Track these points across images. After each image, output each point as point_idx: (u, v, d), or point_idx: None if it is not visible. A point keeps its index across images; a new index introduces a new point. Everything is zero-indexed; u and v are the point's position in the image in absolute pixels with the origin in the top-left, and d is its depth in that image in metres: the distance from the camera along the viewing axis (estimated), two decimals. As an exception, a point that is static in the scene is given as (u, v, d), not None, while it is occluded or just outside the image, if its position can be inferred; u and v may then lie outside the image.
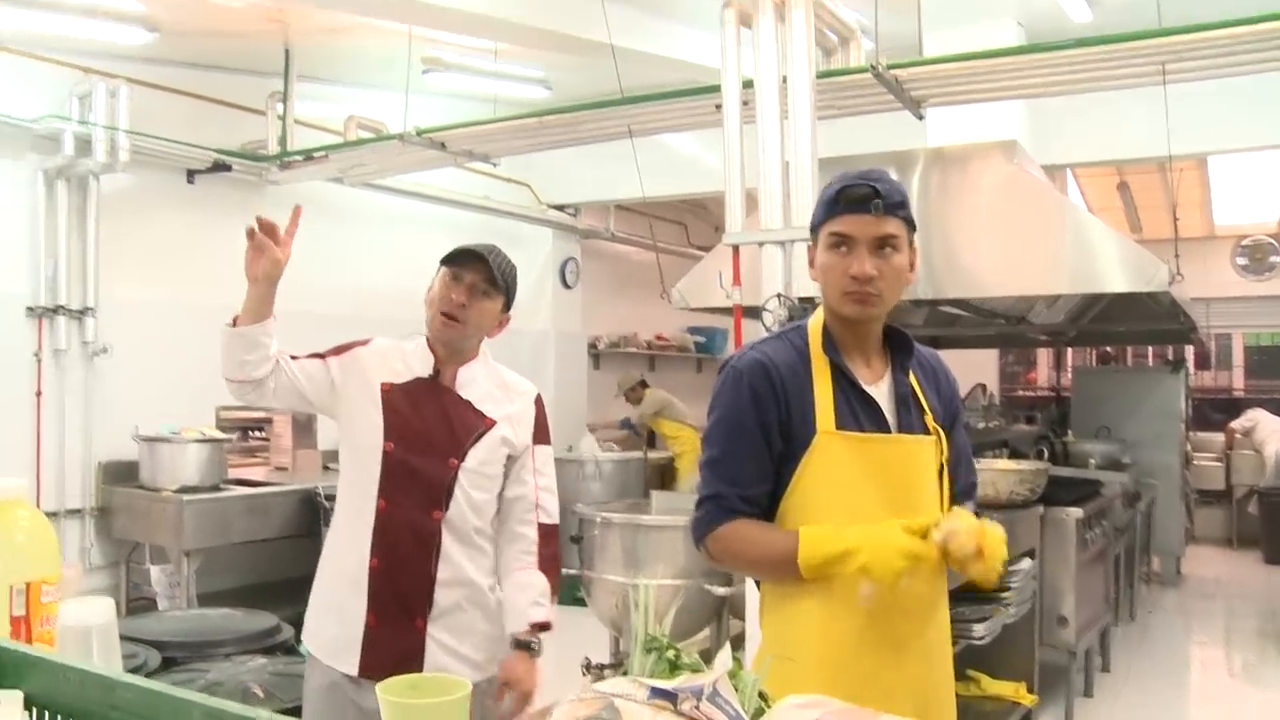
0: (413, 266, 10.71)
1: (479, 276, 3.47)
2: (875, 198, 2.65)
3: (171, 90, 9.27)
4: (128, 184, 9.09)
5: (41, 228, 8.63)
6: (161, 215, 9.42)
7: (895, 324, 2.91)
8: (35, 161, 8.61)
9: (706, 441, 2.87)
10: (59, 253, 8.66)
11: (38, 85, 8.54)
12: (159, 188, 9.38)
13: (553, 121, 8.50)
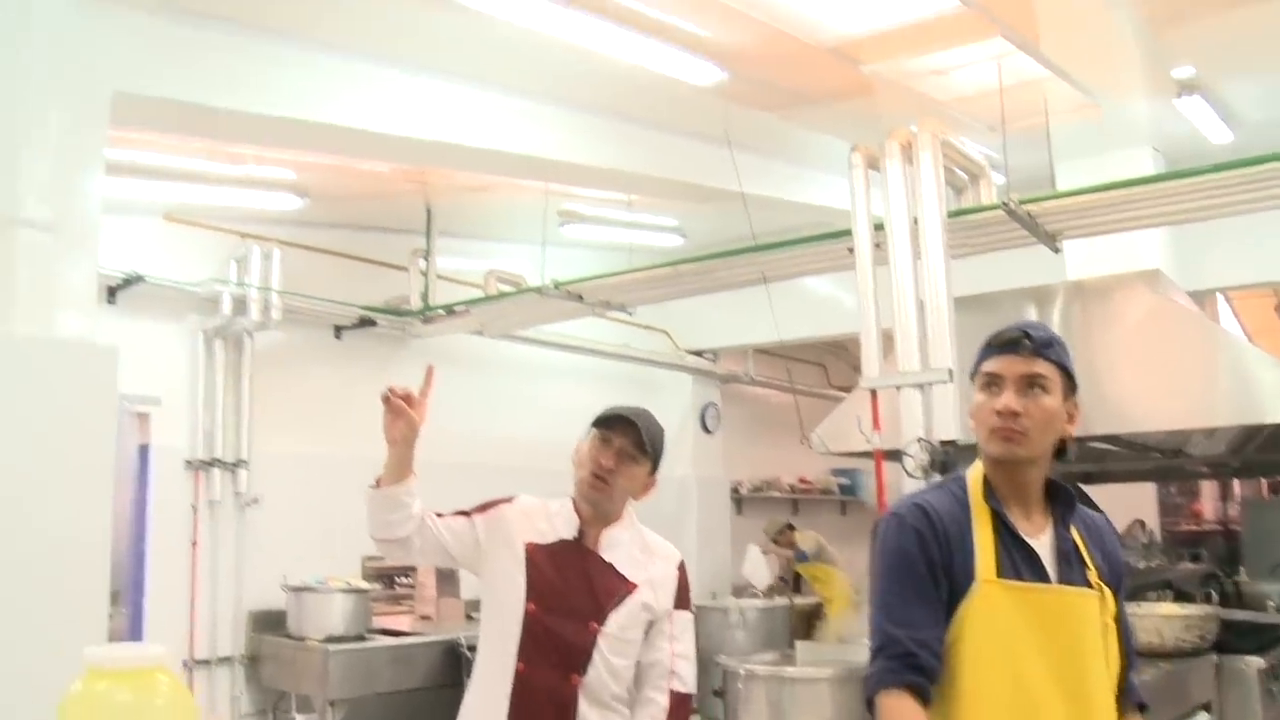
0: (554, 416, 10.96)
1: (628, 441, 3.47)
2: (1024, 339, 2.72)
3: (321, 251, 9.69)
4: (280, 341, 9.45)
5: (201, 384, 9.02)
6: (310, 370, 9.74)
7: (1058, 479, 2.87)
8: (196, 322, 9.05)
9: (875, 589, 2.85)
10: (216, 408, 9.02)
11: (200, 251, 9.02)
12: (309, 343, 9.73)
13: (687, 270, 8.60)
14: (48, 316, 5.11)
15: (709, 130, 8.08)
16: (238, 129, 6.59)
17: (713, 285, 8.85)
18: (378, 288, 10.12)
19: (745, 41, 6.81)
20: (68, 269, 5.23)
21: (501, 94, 7.35)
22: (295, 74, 6.33)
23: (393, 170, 8.80)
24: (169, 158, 7.77)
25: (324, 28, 6.34)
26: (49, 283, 5.13)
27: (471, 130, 7.26)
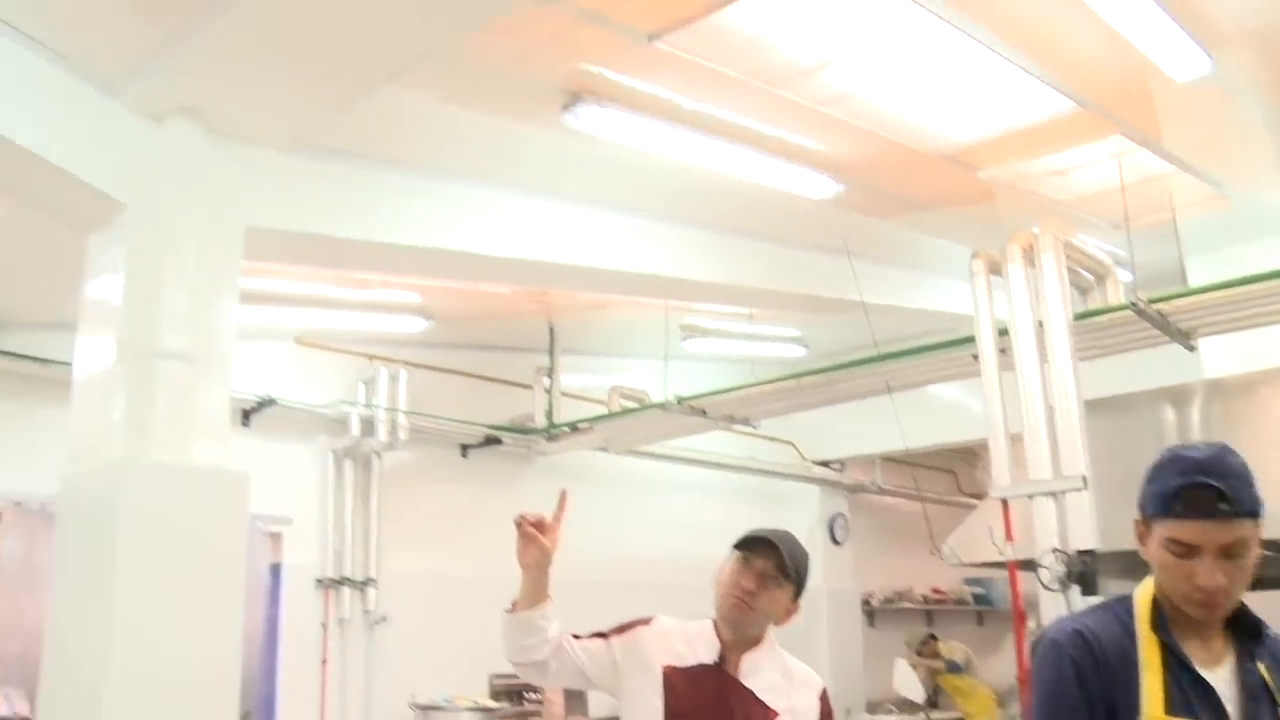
0: (681, 531, 10.93)
1: (770, 564, 3.39)
2: (1221, 501, 2.35)
3: (446, 371, 9.88)
4: (407, 460, 9.61)
5: (330, 504, 9.20)
6: (437, 489, 9.87)
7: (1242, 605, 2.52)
8: (326, 443, 9.27)
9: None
10: (345, 527, 9.18)
11: (329, 373, 9.27)
12: (435, 462, 9.88)
13: (810, 383, 8.55)
14: (184, 444, 5.26)
15: (827, 241, 8.08)
16: (365, 258, 6.80)
17: (836, 396, 8.77)
18: (502, 406, 10.25)
19: (858, 153, 6.83)
20: (203, 396, 5.39)
21: (619, 214, 7.46)
22: (419, 202, 6.52)
23: (515, 291, 8.97)
24: (299, 284, 8.05)
25: (445, 157, 6.54)
26: (186, 411, 5.28)
27: (592, 250, 7.38)
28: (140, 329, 5.24)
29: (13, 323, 7.96)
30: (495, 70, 5.58)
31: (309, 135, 5.68)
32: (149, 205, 5.35)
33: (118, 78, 5.26)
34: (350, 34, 4.71)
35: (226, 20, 4.61)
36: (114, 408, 5.24)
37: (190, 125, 5.36)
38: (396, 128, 6.07)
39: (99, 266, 5.62)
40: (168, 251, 5.31)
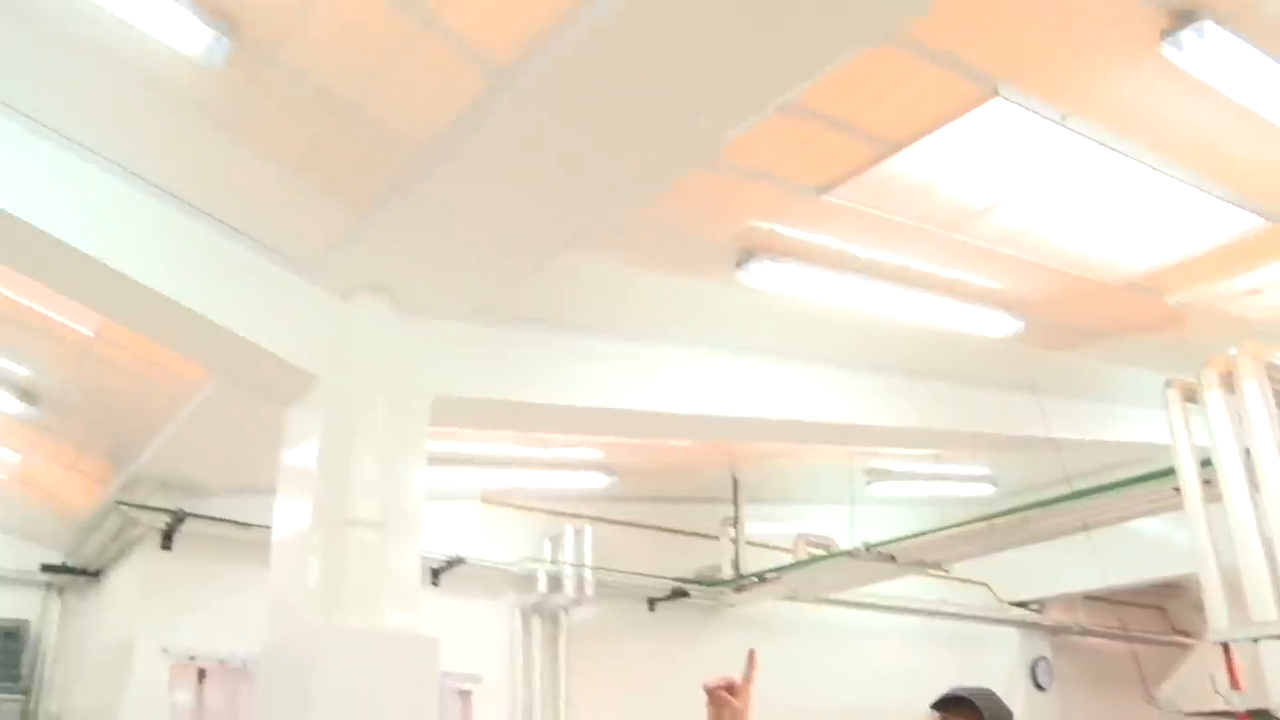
0: (874, 680, 10.57)
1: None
2: None
3: (630, 525, 9.91)
4: (593, 615, 9.63)
5: (519, 660, 9.26)
6: (625, 643, 9.83)
7: None
8: (513, 599, 9.40)
9: None
10: (534, 683, 9.22)
11: (515, 531, 9.43)
12: (622, 616, 9.85)
13: (1002, 524, 8.26)
14: (376, 608, 5.39)
15: (1010, 377, 7.90)
16: (548, 420, 6.94)
17: (1031, 537, 8.45)
18: (688, 558, 10.19)
19: (1037, 288, 6.71)
20: (394, 560, 5.53)
21: (799, 364, 7.45)
22: (599, 364, 6.65)
23: (697, 444, 9.00)
24: (484, 445, 8.26)
25: (623, 318, 6.68)
26: (378, 575, 5.43)
27: (773, 402, 7.36)
28: (334, 496, 5.44)
29: (214, 488, 8.39)
30: (668, 232, 5.71)
31: (490, 304, 5.89)
32: (340, 378, 5.61)
33: (309, 258, 5.60)
34: (528, 206, 4.91)
35: (410, 199, 4.87)
36: (310, 572, 5.43)
37: (378, 300, 5.64)
38: (574, 292, 6.24)
39: (295, 436, 5.90)
40: (359, 421, 5.53)
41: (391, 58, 4.39)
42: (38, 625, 10.65)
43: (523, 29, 4.08)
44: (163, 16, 4.36)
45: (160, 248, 5.39)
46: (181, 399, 7.22)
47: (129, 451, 8.23)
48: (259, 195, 5.38)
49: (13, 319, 7.05)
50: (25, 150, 5.20)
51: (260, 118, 4.93)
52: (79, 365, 7.51)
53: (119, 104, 5.09)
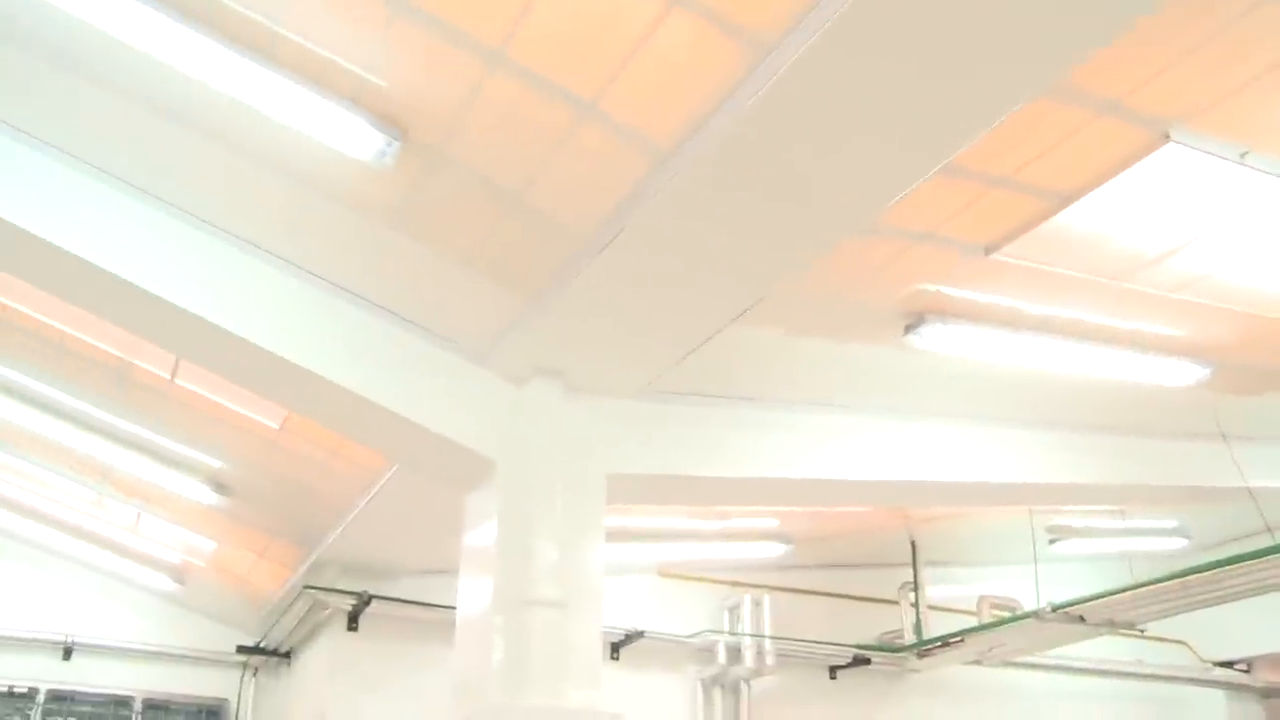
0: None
1: None
2: None
3: (808, 592, 9.80)
4: (774, 685, 9.53)
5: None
6: (808, 712, 9.72)
7: None
8: (693, 672, 9.37)
9: None
10: None
11: (692, 603, 9.43)
12: (803, 685, 9.73)
13: (1195, 582, 7.87)
14: (558, 686, 5.42)
15: (1197, 426, 7.56)
16: (722, 493, 6.93)
17: (1229, 594, 8.04)
18: (868, 624, 10.02)
19: (1223, 333, 6.42)
20: (575, 638, 5.57)
21: (974, 425, 7.28)
22: (770, 435, 6.61)
23: (872, 508, 8.87)
24: (660, 520, 8.29)
25: (791, 388, 6.65)
26: (560, 654, 5.47)
27: (949, 465, 7.20)
28: (515, 577, 5.53)
29: (397, 571, 8.63)
30: (834, 300, 5.68)
31: (659, 381, 5.93)
32: (517, 461, 5.73)
33: (481, 345, 5.76)
34: (694, 283, 4.96)
35: (577, 284, 4.97)
36: (493, 652, 5.51)
37: (550, 383, 5.76)
38: (742, 365, 6.25)
39: (475, 519, 6.03)
40: (537, 503, 5.62)
41: (552, 148, 4.51)
42: (236, 703, 11.09)
43: (682, 111, 4.14)
44: (336, 125, 4.58)
45: (339, 342, 5.63)
46: (363, 486, 7.47)
47: (315, 537, 8.54)
48: (431, 287, 5.56)
49: (206, 415, 7.42)
50: (211, 255, 5.52)
51: (429, 212, 5.11)
52: (267, 457, 7.84)
53: (293, 208, 5.36)
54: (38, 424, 8.36)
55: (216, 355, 5.80)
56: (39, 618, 10.70)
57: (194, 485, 8.35)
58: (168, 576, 10.85)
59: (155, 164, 5.37)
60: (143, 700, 10.80)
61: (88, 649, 10.75)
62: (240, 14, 4.32)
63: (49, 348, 7.37)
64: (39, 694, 10.46)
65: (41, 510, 10.49)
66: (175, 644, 11.06)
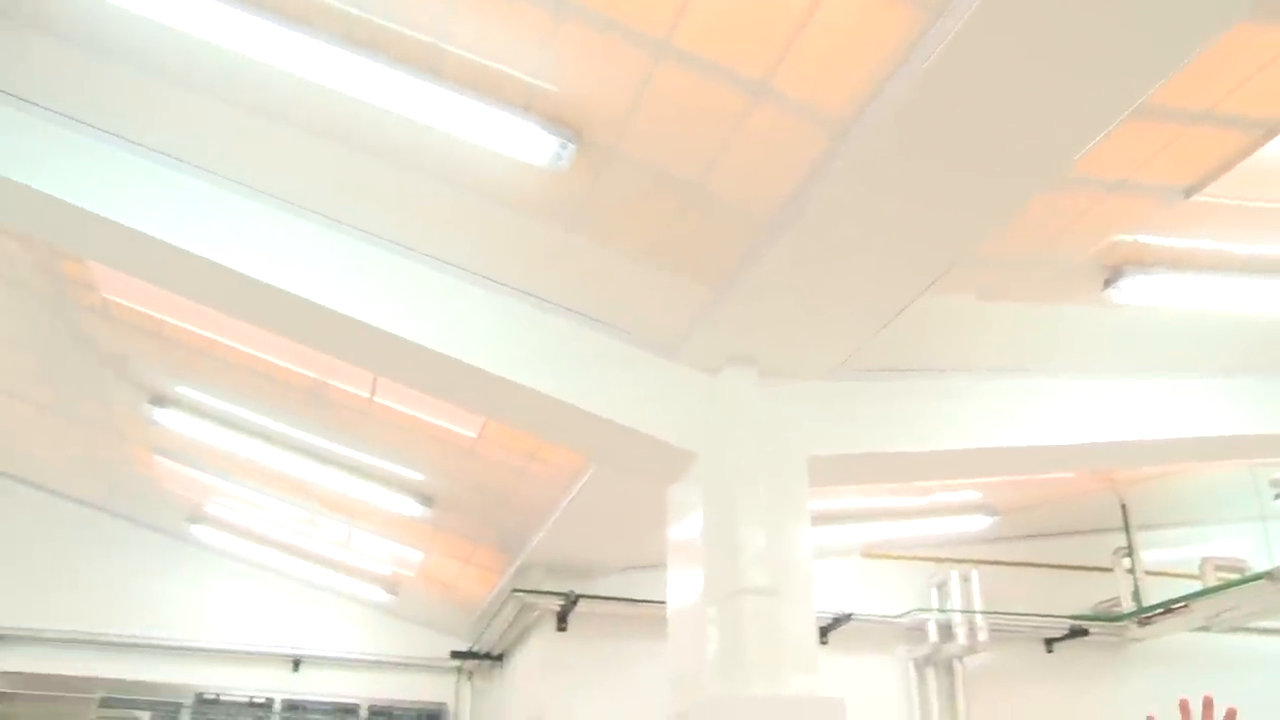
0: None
1: None
2: None
3: (1017, 564, 9.53)
4: (988, 661, 9.29)
5: (917, 714, 9.08)
6: (1025, 687, 9.44)
7: None
8: (904, 652, 9.23)
9: None
10: None
11: (898, 582, 9.28)
12: (1019, 660, 9.47)
13: None
14: (776, 673, 5.37)
15: None
16: (924, 467, 6.75)
17: None
18: (1082, 593, 9.68)
19: None
20: (789, 625, 5.50)
21: (1180, 378, 6.89)
22: (968, 404, 6.42)
23: (1079, 473, 8.56)
24: (861, 500, 8.17)
25: (986, 355, 6.43)
26: (774, 642, 5.41)
27: (1160, 421, 6.84)
28: (724, 567, 5.50)
29: (602, 569, 8.73)
30: (1027, 260, 5.49)
31: (853, 359, 5.83)
32: (717, 451, 5.71)
33: (671, 339, 5.75)
34: (883, 255, 4.85)
35: (764, 267, 4.91)
36: (708, 643, 5.49)
37: (743, 371, 5.72)
38: (936, 335, 6.09)
39: (679, 512, 6.02)
40: (740, 491, 5.58)
41: (727, 133, 4.46)
42: (454, 707, 11.44)
43: (856, 81, 4.05)
44: (511, 134, 4.64)
45: (531, 348, 5.70)
46: (563, 487, 7.58)
47: (519, 541, 8.71)
48: (617, 285, 5.59)
49: (408, 430, 7.64)
50: (400, 274, 5.67)
51: (608, 211, 5.12)
52: (467, 466, 8.02)
53: (474, 219, 5.46)
54: (250, 450, 8.77)
55: (414, 370, 5.95)
56: (270, 634, 11.30)
57: (399, 499, 8.62)
58: (381, 588, 11.27)
59: (339, 191, 5.56)
60: (368, 707, 11.25)
61: (314, 660, 11.28)
62: (407, 36, 4.42)
63: (253, 376, 7.71)
64: (274, 704, 11.01)
65: (262, 533, 11.03)
66: (393, 652, 11.51)
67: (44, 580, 11.05)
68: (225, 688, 11.05)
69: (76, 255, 6.78)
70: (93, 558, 11.34)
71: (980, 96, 3.94)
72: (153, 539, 11.65)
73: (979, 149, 4.19)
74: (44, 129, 5.40)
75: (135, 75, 5.13)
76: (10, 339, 8.76)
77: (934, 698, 9.14)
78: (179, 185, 5.49)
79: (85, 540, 11.40)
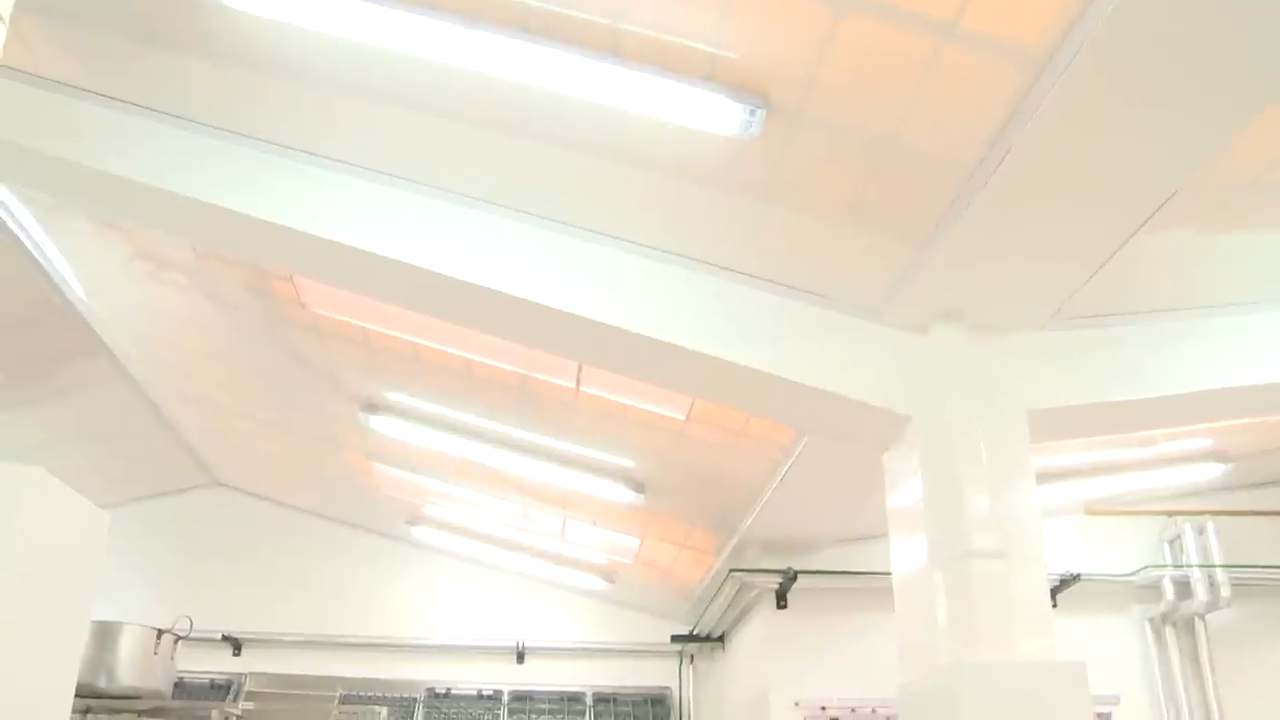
0: None
1: None
2: None
3: (1256, 514, 9.00)
4: (1232, 618, 8.82)
5: (1157, 674, 8.76)
6: (1274, 645, 8.90)
7: None
8: (1139, 612, 8.88)
9: None
10: (1178, 696, 8.69)
11: (1127, 539, 8.92)
12: (1267, 617, 8.95)
13: None
14: (1010, 639, 5.18)
15: None
16: (1151, 416, 6.37)
17: None
18: (1332, 540, 9.10)
19: None
20: (1019, 587, 5.30)
21: None
22: (1194, 346, 6.01)
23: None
24: (1081, 455, 7.86)
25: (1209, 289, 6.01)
26: (1006, 606, 5.21)
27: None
28: (949, 531, 5.35)
29: (819, 543, 8.66)
30: (1249, 185, 5.15)
31: (1067, 307, 5.59)
32: (931, 412, 5.55)
33: (875, 300, 5.63)
34: (1092, 195, 4.60)
35: (968, 219, 4.74)
36: (937, 611, 5.35)
37: (953, 327, 5.53)
38: (1154, 276, 5.76)
39: (897, 478, 5.89)
40: (960, 452, 5.41)
41: (917, 81, 4.32)
42: (677, 690, 11.54)
43: (1051, 12, 3.86)
44: (697, 106, 4.61)
45: (734, 323, 5.67)
46: (774, 464, 7.52)
47: (733, 521, 8.69)
48: (815, 251, 5.50)
49: (615, 417, 7.71)
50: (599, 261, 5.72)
51: (802, 175, 5.04)
52: (676, 449, 8.05)
53: (667, 198, 5.46)
54: (461, 449, 9.00)
55: (617, 355, 6.00)
56: (494, 627, 11.64)
57: (611, 487, 8.71)
58: (599, 577, 11.44)
59: (530, 184, 5.65)
60: (592, 694, 11.44)
61: (538, 652, 11.56)
62: (583, 20, 4.44)
63: (458, 377, 7.91)
64: (502, 695, 11.31)
65: (479, 530, 11.35)
66: (614, 640, 11.70)
67: (281, 588, 11.70)
68: (454, 682, 11.44)
69: (284, 273, 7.10)
70: (323, 564, 11.94)
71: (1185, 14, 3.70)
72: (377, 543, 12.18)
73: (1188, 71, 3.92)
74: (234, 152, 5.68)
75: (317, 90, 5.33)
76: (230, 360, 9.24)
77: (1175, 659, 8.74)
78: (372, 194, 5.69)
79: (316, 548, 12.01)
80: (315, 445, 10.71)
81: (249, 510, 12.26)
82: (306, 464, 11.27)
